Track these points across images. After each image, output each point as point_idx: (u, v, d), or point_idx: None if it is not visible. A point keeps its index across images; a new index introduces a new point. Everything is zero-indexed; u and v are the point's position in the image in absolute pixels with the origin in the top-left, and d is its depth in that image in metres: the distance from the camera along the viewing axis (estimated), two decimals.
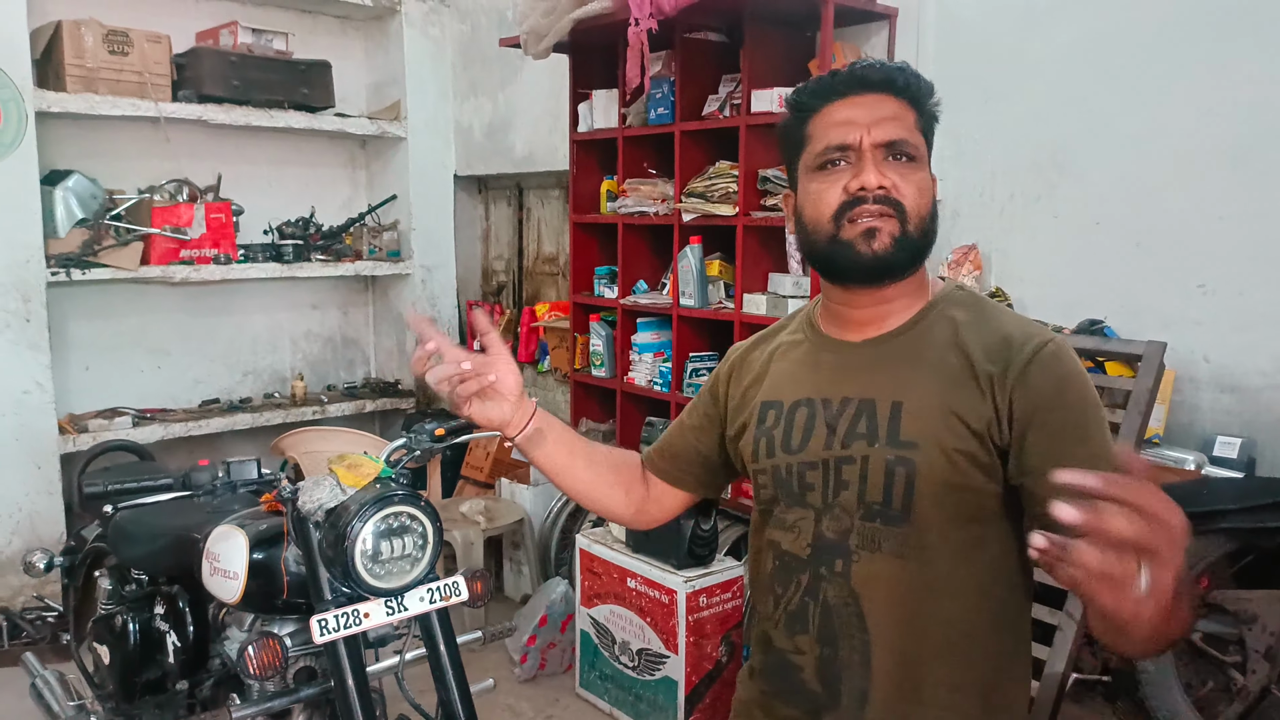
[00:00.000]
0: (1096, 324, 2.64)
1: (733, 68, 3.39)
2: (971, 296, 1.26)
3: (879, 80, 1.18)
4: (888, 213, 1.16)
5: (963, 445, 1.14)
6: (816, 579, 1.22)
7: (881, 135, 1.16)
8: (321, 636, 1.65)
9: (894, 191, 1.16)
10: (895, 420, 1.17)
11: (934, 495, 1.15)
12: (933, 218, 1.20)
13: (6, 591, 3.93)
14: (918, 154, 1.18)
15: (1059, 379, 1.14)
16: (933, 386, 1.17)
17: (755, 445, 1.30)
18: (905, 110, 1.18)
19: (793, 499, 1.25)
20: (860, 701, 1.19)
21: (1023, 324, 1.21)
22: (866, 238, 1.16)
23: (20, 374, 3.92)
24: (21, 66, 3.82)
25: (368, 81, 5.26)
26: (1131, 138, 2.66)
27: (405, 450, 1.93)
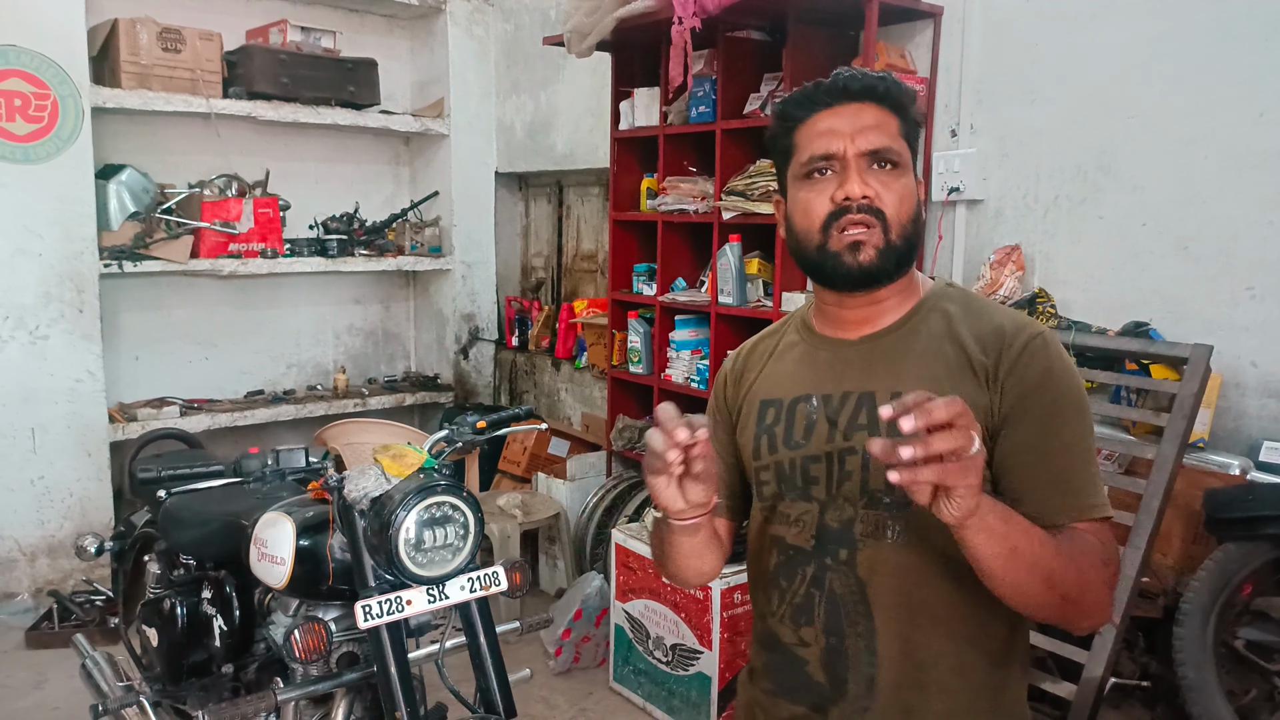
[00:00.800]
0: (1142, 326, 2.61)
1: (775, 66, 3.39)
2: (961, 292, 1.30)
3: (860, 89, 1.21)
4: (871, 223, 1.19)
5: None
6: (822, 569, 1.24)
7: (865, 144, 1.19)
8: (365, 622, 1.68)
9: (877, 200, 1.19)
10: None
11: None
12: (914, 222, 1.23)
13: (58, 575, 4.04)
14: (900, 160, 1.21)
15: (1044, 370, 1.17)
16: (931, 378, 1.20)
17: (756, 443, 1.32)
18: (888, 118, 1.21)
19: (796, 493, 1.27)
20: (868, 689, 1.21)
21: (1013, 316, 1.24)
22: (852, 250, 1.20)
23: (73, 363, 4.02)
24: (79, 64, 3.93)
25: (412, 80, 5.33)
26: (1181, 140, 2.62)
27: (447, 442, 1.96)
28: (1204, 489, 2.38)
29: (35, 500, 3.99)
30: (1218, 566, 2.30)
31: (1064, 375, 1.18)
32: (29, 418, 3.95)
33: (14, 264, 3.86)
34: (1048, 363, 1.18)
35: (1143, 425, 2.58)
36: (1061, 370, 1.18)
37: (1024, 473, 1.17)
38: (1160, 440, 2.41)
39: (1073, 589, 1.09)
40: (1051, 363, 1.18)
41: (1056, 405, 1.17)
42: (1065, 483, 1.15)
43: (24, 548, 3.99)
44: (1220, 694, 2.23)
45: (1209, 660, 2.25)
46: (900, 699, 1.21)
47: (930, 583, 1.19)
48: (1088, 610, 1.13)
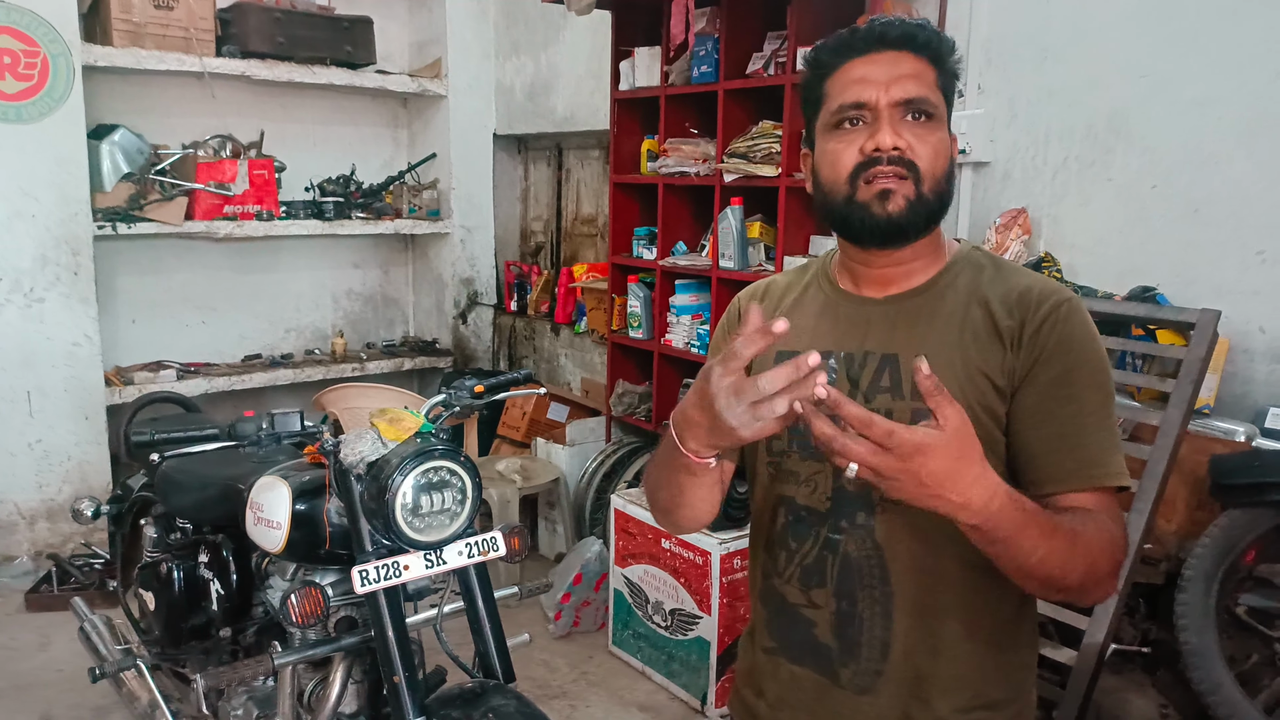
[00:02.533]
0: (1149, 291, 2.57)
1: (779, 24, 3.32)
2: (989, 256, 1.26)
3: (898, 37, 1.16)
4: (902, 174, 1.14)
5: (985, 400, 1.15)
6: (837, 532, 1.21)
7: (899, 93, 1.14)
8: (362, 587, 1.67)
9: (909, 152, 1.14)
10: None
11: None
12: (948, 179, 1.19)
13: (57, 538, 4.04)
14: (936, 112, 1.16)
15: (1064, 337, 1.15)
16: (955, 342, 1.17)
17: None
18: (925, 68, 1.16)
19: (808, 451, 1.23)
20: (881, 654, 1.20)
21: (1042, 281, 1.21)
22: (881, 199, 1.15)
23: (69, 327, 3.99)
24: (69, 21, 3.86)
25: (410, 40, 5.24)
26: (1193, 102, 2.57)
27: (445, 406, 1.94)
28: (1209, 455, 2.36)
29: (34, 464, 3.98)
30: (1222, 533, 2.29)
31: (1085, 343, 1.16)
32: (26, 381, 3.92)
33: (9, 225, 3.82)
34: (1069, 330, 1.15)
35: (1148, 391, 2.55)
36: (1083, 338, 1.16)
37: (1034, 434, 1.15)
38: (1166, 406, 2.39)
39: (1082, 579, 1.08)
40: (1073, 330, 1.15)
41: (1072, 372, 1.14)
42: (1076, 448, 1.13)
43: (23, 511, 3.99)
44: (1221, 659, 2.22)
45: (1211, 626, 2.25)
46: (912, 663, 1.20)
47: (948, 550, 1.16)
48: (1094, 594, 1.13)
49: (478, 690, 1.71)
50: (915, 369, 0.93)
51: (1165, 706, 2.35)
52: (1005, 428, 1.17)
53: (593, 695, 3.13)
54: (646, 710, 3.06)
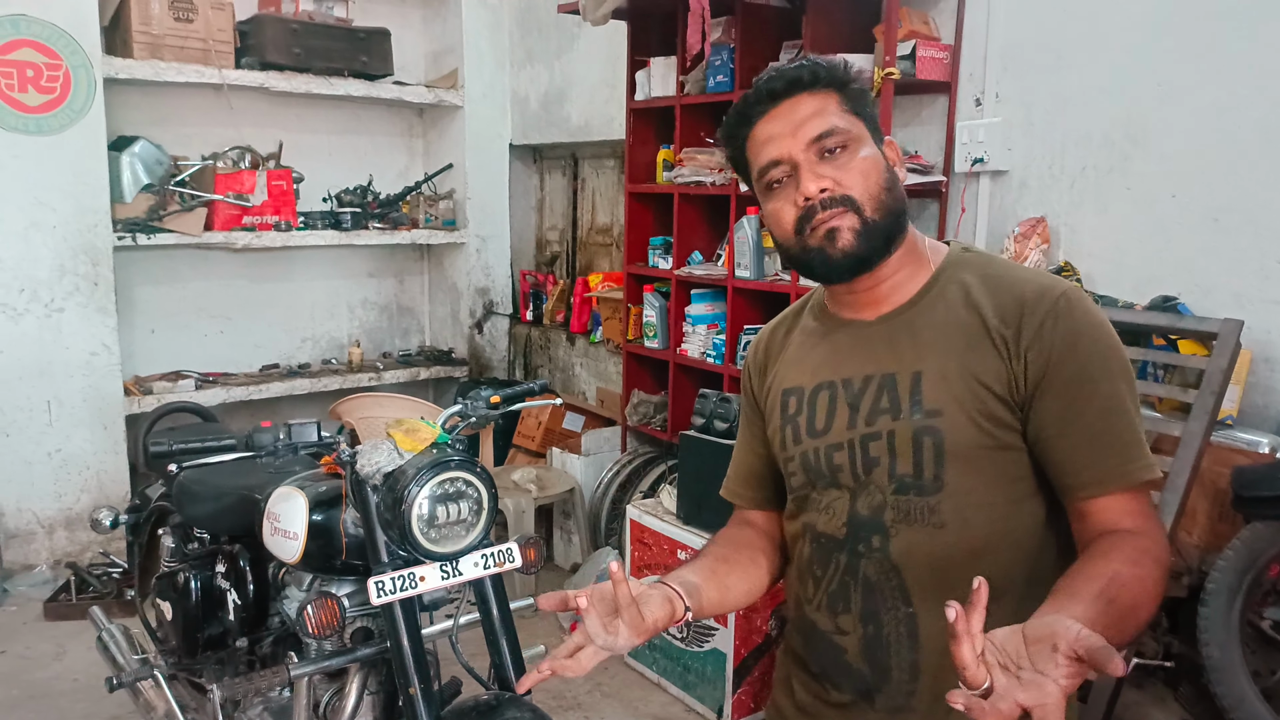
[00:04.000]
0: (1170, 301, 2.55)
1: (794, 34, 3.32)
2: (980, 256, 1.25)
3: (785, 86, 1.19)
4: (840, 210, 1.16)
5: (986, 408, 1.14)
6: (855, 557, 1.22)
7: (806, 134, 1.17)
8: (378, 598, 1.67)
9: (838, 188, 1.16)
10: (917, 390, 1.17)
11: (964, 460, 1.15)
12: (889, 190, 1.19)
13: (75, 547, 4.07)
14: (851, 136, 1.17)
15: (1069, 333, 1.13)
16: (950, 353, 1.16)
17: (782, 435, 1.30)
18: (825, 100, 1.18)
19: (825, 481, 1.25)
20: (911, 675, 1.19)
21: (1035, 279, 1.19)
22: (830, 240, 1.17)
23: (88, 336, 4.02)
24: (90, 33, 3.89)
25: (426, 50, 5.27)
26: (1212, 108, 2.55)
27: (461, 417, 1.93)
28: (1232, 467, 2.33)
29: (53, 473, 4.01)
30: (1245, 546, 2.26)
31: (1092, 334, 1.13)
32: (45, 391, 3.95)
33: (28, 237, 3.85)
34: (1072, 324, 1.13)
35: (1169, 402, 2.53)
36: (1089, 329, 1.14)
37: (1060, 443, 1.13)
38: (1188, 417, 2.36)
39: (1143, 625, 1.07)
40: (1077, 323, 1.13)
41: (1087, 368, 1.12)
42: (1104, 448, 1.11)
43: (42, 520, 4.02)
44: (1245, 674, 2.19)
45: (1234, 640, 2.22)
46: (944, 682, 1.15)
47: (967, 564, 1.15)
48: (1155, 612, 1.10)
49: (493, 702, 1.71)
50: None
51: None
52: (1026, 437, 1.15)
53: (607, 707, 3.12)
54: None
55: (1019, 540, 1.18)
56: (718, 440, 3.00)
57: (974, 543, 1.16)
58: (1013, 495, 1.17)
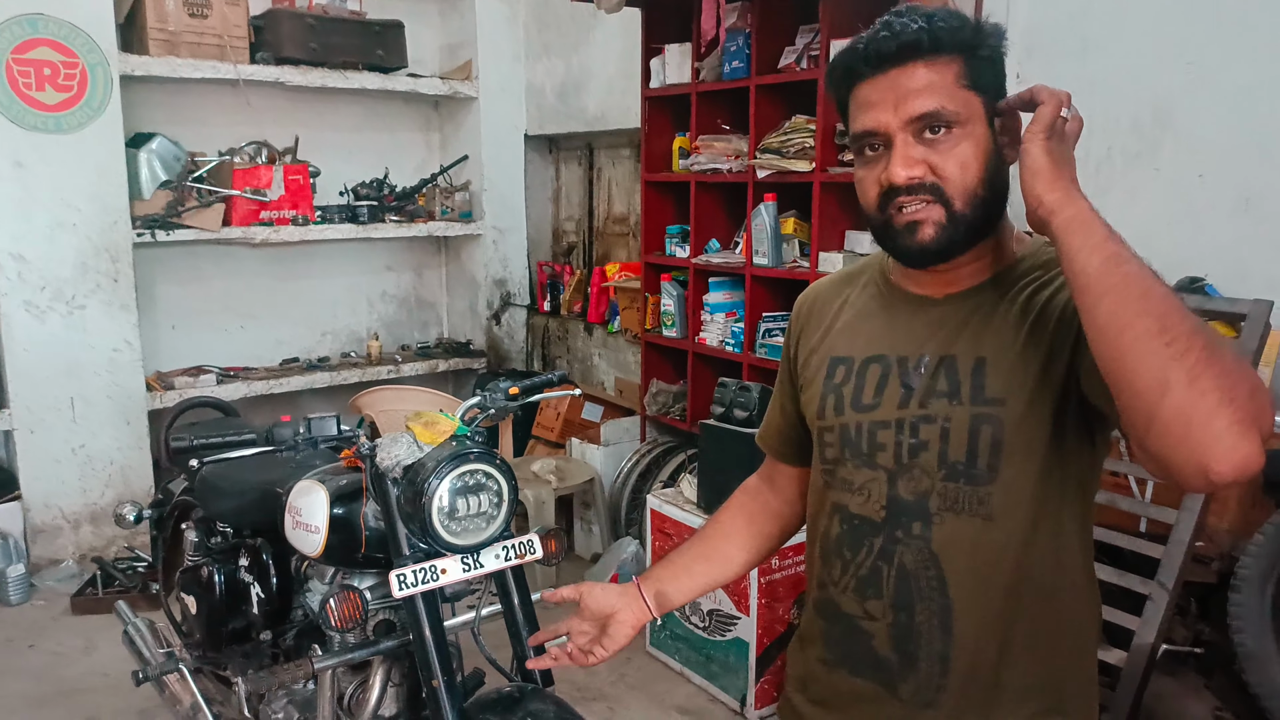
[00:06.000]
0: (1197, 282, 2.51)
1: (811, 17, 3.28)
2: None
3: (897, 51, 1.07)
4: (927, 199, 1.08)
5: (1049, 401, 1.08)
6: (892, 542, 1.17)
7: (908, 111, 1.06)
8: (400, 591, 1.66)
9: (930, 175, 1.07)
10: (979, 376, 1.11)
11: (1022, 452, 1.09)
12: (988, 183, 1.08)
13: (101, 542, 4.10)
14: (959, 118, 1.06)
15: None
16: (1018, 341, 1.10)
17: (822, 402, 1.24)
18: (941, 71, 1.06)
19: (861, 459, 1.20)
20: (941, 668, 1.15)
21: None
22: (910, 230, 1.09)
23: (110, 333, 4.05)
24: (107, 31, 3.91)
25: (441, 43, 5.26)
26: (1241, 89, 2.50)
27: (480, 409, 1.93)
28: None
29: (78, 469, 4.04)
30: (1276, 531, 2.22)
31: None
32: (69, 388, 3.99)
33: (51, 235, 3.88)
34: None
35: None
36: None
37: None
38: None
39: (1192, 342, 0.88)
40: None
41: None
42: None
43: (68, 515, 4.05)
44: (1278, 661, 2.16)
45: (1266, 627, 2.18)
46: (975, 676, 1.15)
47: (1009, 560, 1.12)
48: (1208, 400, 0.86)
49: (516, 694, 1.70)
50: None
51: (1220, 709, 2.29)
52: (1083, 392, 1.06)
53: (631, 698, 3.12)
54: (686, 713, 3.04)
55: (1061, 541, 1.14)
56: (737, 429, 2.98)
57: (1019, 537, 1.12)
58: (1064, 494, 1.12)
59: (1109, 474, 2.52)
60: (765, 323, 3.49)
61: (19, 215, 3.81)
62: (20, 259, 3.84)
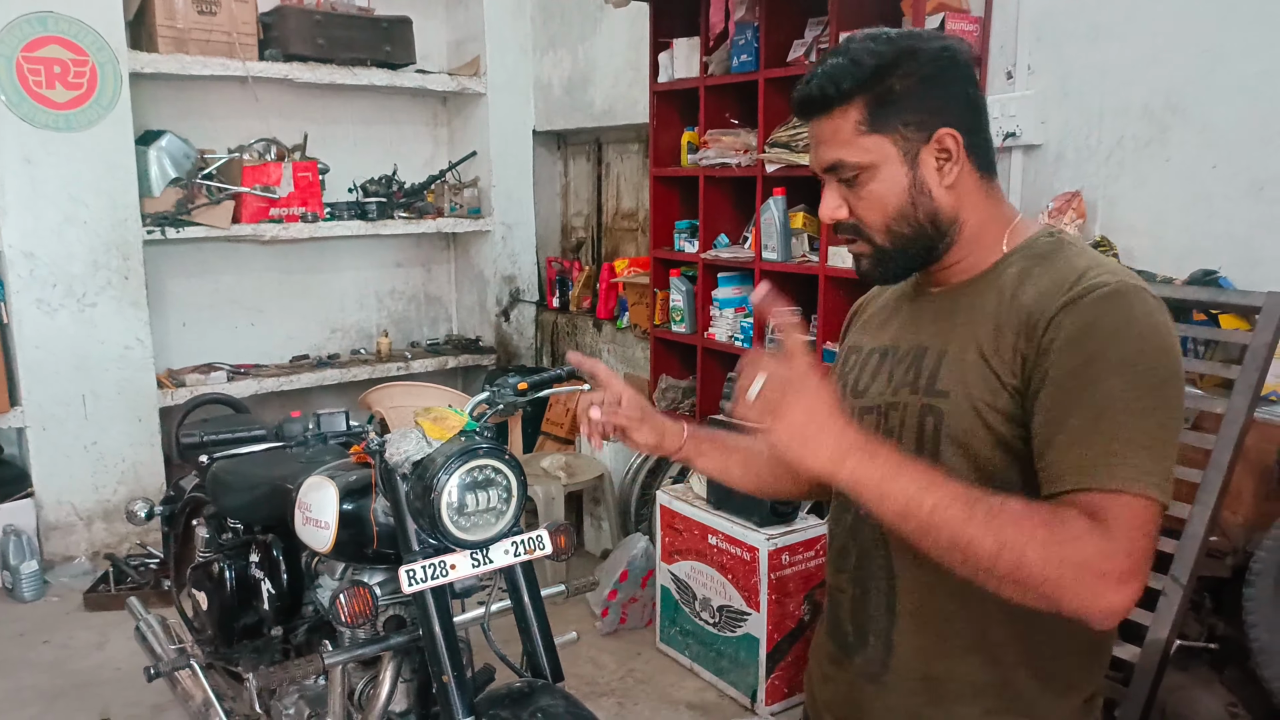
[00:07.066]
0: (1210, 274, 2.48)
1: (820, 10, 3.26)
2: (1054, 243, 1.16)
3: (804, 104, 1.16)
4: (852, 239, 1.19)
5: (993, 398, 1.09)
6: (858, 519, 1.24)
7: (820, 163, 1.17)
8: (410, 586, 1.67)
9: (850, 216, 1.17)
10: (936, 369, 1.16)
11: (960, 446, 1.12)
12: (906, 215, 1.14)
13: (113, 538, 4.12)
14: (862, 164, 1.13)
15: (1086, 325, 1.03)
16: (977, 336, 1.12)
17: (840, 388, 1.32)
18: (839, 122, 1.12)
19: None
20: (886, 649, 1.21)
21: (1097, 264, 1.09)
22: (855, 260, 1.22)
23: (121, 330, 4.06)
24: (116, 29, 3.92)
25: (448, 38, 5.26)
26: (1255, 76, 2.47)
27: (488, 404, 1.93)
28: (1277, 444, 2.27)
29: (90, 465, 4.06)
30: None
31: (1117, 330, 1.02)
32: (81, 385, 4.00)
33: (61, 232, 3.89)
34: (1094, 317, 1.03)
35: (1211, 378, 2.46)
36: (1112, 326, 1.02)
37: (1044, 432, 1.04)
38: (1230, 394, 2.30)
39: (995, 564, 0.96)
40: (1099, 318, 1.03)
41: (1090, 364, 1.01)
42: (1081, 447, 1.00)
43: (80, 512, 4.07)
44: None
45: None
46: (920, 664, 1.18)
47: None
48: (1037, 591, 0.95)
49: (526, 690, 1.70)
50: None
51: (1234, 705, 2.27)
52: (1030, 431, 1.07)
53: (641, 693, 3.11)
54: (695, 708, 3.04)
55: None
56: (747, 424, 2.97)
57: None
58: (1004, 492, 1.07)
59: None
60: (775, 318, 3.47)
61: (30, 213, 3.83)
62: (31, 256, 3.85)
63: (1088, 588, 0.95)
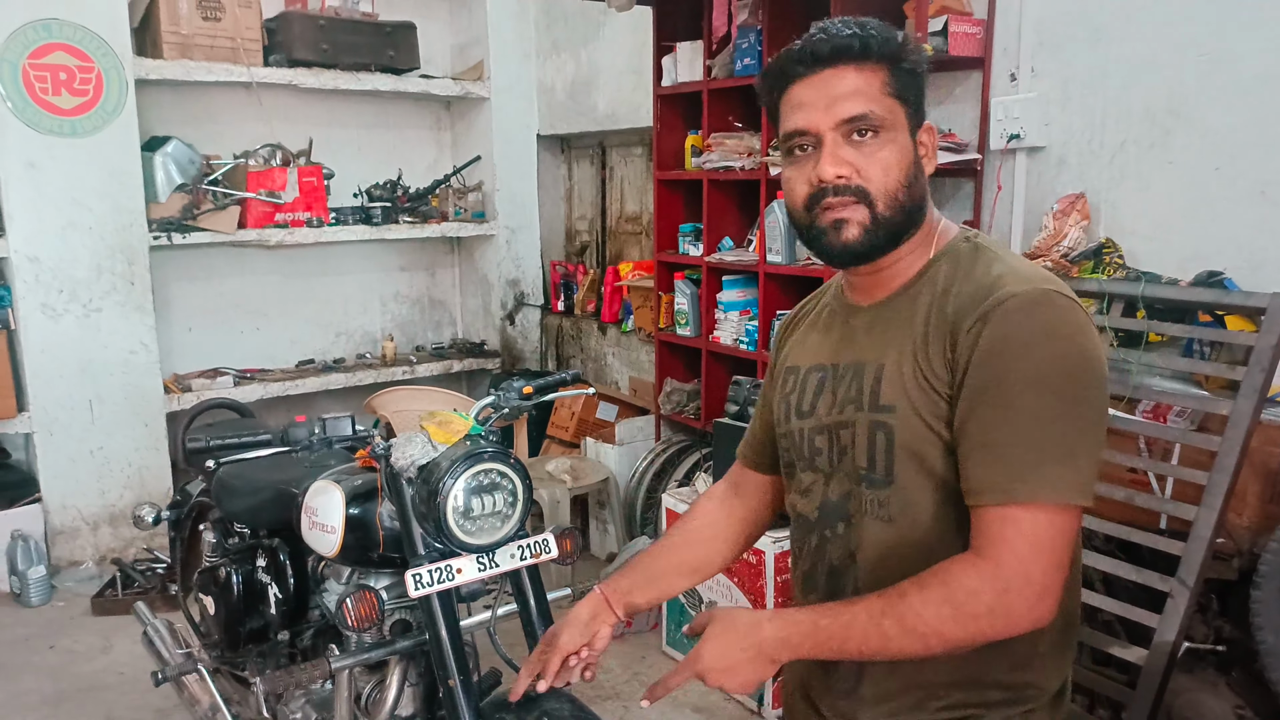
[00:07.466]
0: (1215, 276, 2.48)
1: (823, 13, 3.24)
2: (972, 248, 1.18)
3: (831, 52, 1.11)
4: (852, 201, 1.12)
5: (933, 408, 1.11)
6: (823, 541, 1.24)
7: (839, 114, 1.11)
8: (416, 591, 1.67)
9: (856, 177, 1.12)
10: (877, 384, 1.16)
11: (913, 457, 1.13)
12: (909, 188, 1.14)
13: (119, 543, 4.13)
14: (884, 124, 1.11)
15: (1000, 338, 1.05)
16: (910, 347, 1.14)
17: (779, 411, 1.32)
18: (870, 76, 1.11)
19: (805, 463, 1.27)
20: (857, 673, 1.21)
21: (1013, 270, 1.11)
22: (835, 229, 1.14)
23: (127, 335, 4.08)
24: (121, 35, 3.93)
25: (452, 42, 5.27)
26: (1257, 79, 2.47)
27: (494, 408, 1.93)
28: None
29: (96, 470, 4.07)
30: None
31: (1032, 341, 1.04)
32: (87, 390, 4.01)
33: (66, 237, 3.91)
34: (1007, 330, 1.05)
35: (1216, 380, 2.46)
36: (1025, 338, 1.04)
37: (961, 445, 1.08)
38: (1236, 395, 2.30)
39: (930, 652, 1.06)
40: (1011, 330, 1.04)
41: (1008, 375, 1.04)
42: (994, 460, 1.05)
43: (86, 517, 4.08)
44: None
45: None
46: (891, 675, 1.19)
47: (911, 560, 1.13)
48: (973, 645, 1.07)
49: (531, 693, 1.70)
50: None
51: (1241, 707, 2.27)
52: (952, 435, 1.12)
53: None
54: (701, 711, 3.03)
55: (964, 541, 1.11)
56: None
57: (919, 539, 1.15)
58: (959, 496, 1.11)
59: (1128, 470, 2.50)
60: (780, 320, 3.48)
61: (35, 218, 3.84)
62: (36, 261, 3.87)
63: (1006, 623, 1.04)
